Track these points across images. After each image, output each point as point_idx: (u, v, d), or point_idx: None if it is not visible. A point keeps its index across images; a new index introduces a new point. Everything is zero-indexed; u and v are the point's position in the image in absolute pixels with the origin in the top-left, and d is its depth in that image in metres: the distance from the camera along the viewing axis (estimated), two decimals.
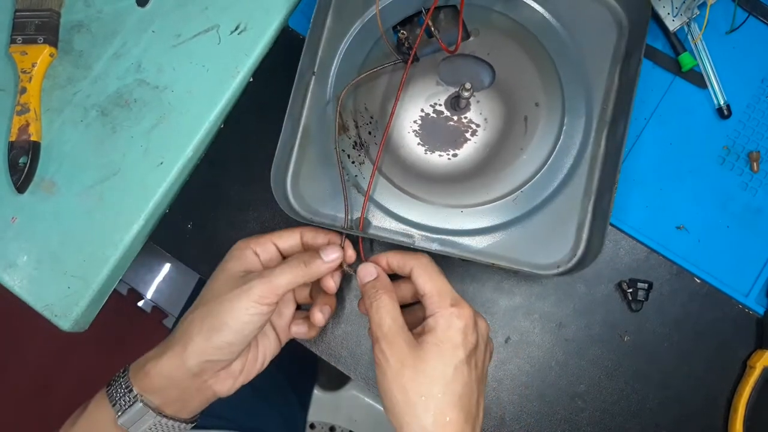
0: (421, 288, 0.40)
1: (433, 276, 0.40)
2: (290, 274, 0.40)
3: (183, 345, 0.40)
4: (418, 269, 0.41)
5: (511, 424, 0.48)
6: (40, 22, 0.52)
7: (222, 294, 0.40)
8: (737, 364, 0.47)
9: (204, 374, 0.41)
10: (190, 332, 0.40)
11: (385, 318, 0.39)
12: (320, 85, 0.50)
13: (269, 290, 0.40)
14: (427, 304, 0.40)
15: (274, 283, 0.40)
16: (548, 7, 0.49)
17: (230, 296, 0.40)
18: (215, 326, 0.39)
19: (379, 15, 0.48)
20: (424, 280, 0.40)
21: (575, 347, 0.48)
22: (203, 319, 0.40)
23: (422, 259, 0.41)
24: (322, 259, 0.42)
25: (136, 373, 0.41)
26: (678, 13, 0.48)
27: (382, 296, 0.40)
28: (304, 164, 0.49)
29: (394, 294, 0.41)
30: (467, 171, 0.48)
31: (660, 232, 0.48)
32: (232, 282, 0.41)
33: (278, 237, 0.45)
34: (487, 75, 0.49)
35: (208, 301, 0.41)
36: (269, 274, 0.40)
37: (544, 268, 0.46)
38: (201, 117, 0.51)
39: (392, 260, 0.43)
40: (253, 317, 0.39)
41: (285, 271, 0.40)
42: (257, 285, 0.40)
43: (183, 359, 0.39)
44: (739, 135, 0.49)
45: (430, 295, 0.39)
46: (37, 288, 0.50)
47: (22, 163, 0.50)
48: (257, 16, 0.52)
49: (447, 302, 0.39)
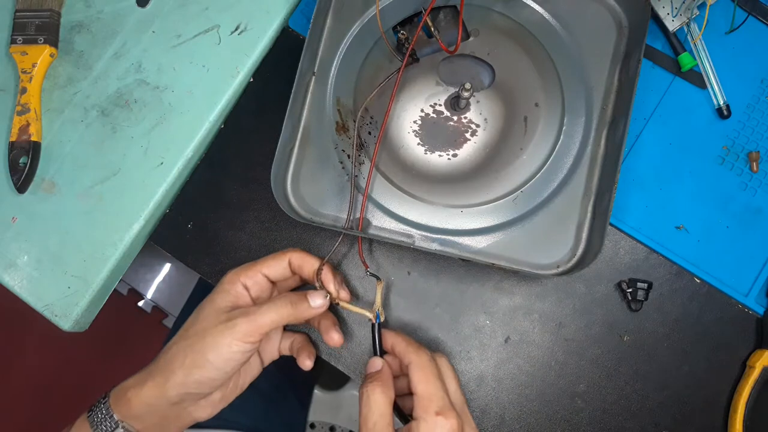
0: (413, 387, 0.40)
1: (429, 378, 0.40)
2: (275, 314, 0.40)
3: (165, 377, 0.40)
4: (413, 367, 0.40)
5: (511, 424, 0.48)
6: (41, 22, 0.52)
7: (206, 329, 0.40)
8: (737, 364, 0.47)
9: (184, 403, 0.41)
10: (172, 365, 0.40)
11: (374, 413, 0.39)
12: (320, 86, 0.50)
13: (253, 329, 0.40)
14: (415, 405, 0.39)
15: (258, 322, 0.40)
16: (548, 8, 0.49)
17: (213, 332, 0.40)
18: (197, 362, 0.39)
19: (379, 15, 0.48)
20: (418, 379, 0.40)
21: (575, 347, 0.48)
22: (186, 353, 0.40)
23: (422, 358, 0.41)
24: (308, 304, 0.42)
25: (118, 400, 0.41)
26: (678, 14, 0.48)
27: (376, 390, 0.40)
28: (304, 164, 0.49)
29: (389, 390, 0.40)
30: (467, 171, 0.48)
31: (660, 232, 0.48)
32: (217, 317, 0.41)
33: (266, 266, 0.44)
34: (486, 75, 0.49)
35: (192, 334, 0.41)
36: (255, 311, 0.40)
37: (543, 267, 0.46)
38: (201, 117, 0.51)
39: (396, 347, 0.43)
40: (235, 354, 0.40)
41: (270, 310, 0.40)
42: (241, 322, 0.39)
43: (164, 390, 0.40)
44: (738, 135, 0.49)
45: (420, 397, 0.39)
46: (38, 288, 0.50)
47: (22, 163, 0.50)
48: (257, 17, 0.53)
49: (433, 409, 0.38)
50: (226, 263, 0.51)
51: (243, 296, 0.43)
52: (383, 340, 0.44)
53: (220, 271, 0.51)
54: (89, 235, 0.50)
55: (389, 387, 0.41)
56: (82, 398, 0.45)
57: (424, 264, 0.49)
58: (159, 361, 0.41)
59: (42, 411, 1.19)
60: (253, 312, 0.40)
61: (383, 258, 0.50)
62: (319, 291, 0.44)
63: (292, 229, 0.51)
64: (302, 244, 0.50)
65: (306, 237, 0.51)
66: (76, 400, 1.18)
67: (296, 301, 0.42)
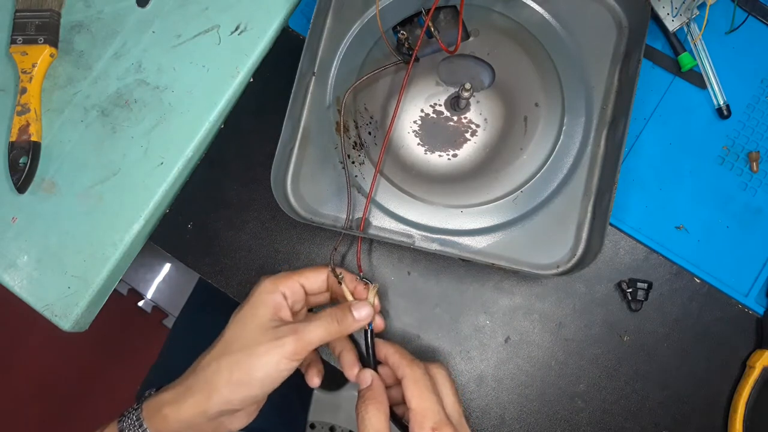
0: (407, 401, 0.39)
1: (423, 393, 0.39)
2: (323, 330, 0.40)
3: (207, 394, 0.39)
4: (407, 381, 0.40)
5: (511, 424, 0.48)
6: (41, 22, 0.52)
7: (252, 346, 0.39)
8: (737, 364, 0.47)
9: (222, 417, 0.40)
10: (215, 382, 0.39)
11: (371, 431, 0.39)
12: (320, 86, 0.50)
13: (302, 347, 0.39)
14: (411, 420, 0.39)
15: (306, 339, 0.39)
16: (548, 8, 0.49)
17: (261, 351, 0.39)
18: (244, 381, 0.38)
19: (379, 15, 0.48)
20: (412, 394, 0.39)
21: (575, 347, 0.48)
22: (231, 370, 0.39)
23: (416, 372, 0.40)
24: (353, 317, 0.42)
25: (153, 415, 0.40)
26: (678, 14, 0.48)
27: (369, 409, 0.39)
28: (304, 164, 0.49)
29: (383, 405, 0.40)
30: (467, 171, 0.48)
31: (659, 232, 0.48)
32: (263, 333, 0.40)
33: (305, 277, 0.44)
34: (486, 75, 0.49)
35: (237, 350, 0.39)
36: (303, 329, 0.39)
37: (543, 268, 0.46)
38: (201, 117, 0.51)
39: (389, 358, 0.42)
40: (283, 372, 0.39)
41: (319, 327, 0.40)
42: (290, 342, 0.39)
43: (205, 408, 0.39)
44: (738, 135, 0.49)
45: (414, 412, 0.39)
46: (38, 288, 0.50)
47: (22, 163, 0.50)
48: (257, 17, 0.53)
49: (428, 425, 0.38)
50: (226, 263, 0.51)
51: (282, 306, 0.42)
52: (377, 350, 0.43)
53: (219, 271, 0.51)
54: (89, 235, 0.50)
55: (382, 402, 0.40)
56: (82, 398, 0.45)
57: (424, 264, 0.49)
58: (198, 376, 0.40)
59: (42, 411, 1.19)
60: (302, 330, 0.39)
61: (383, 258, 0.50)
62: (362, 301, 0.43)
63: (292, 229, 0.51)
64: (302, 244, 0.50)
65: (306, 237, 0.51)
66: (76, 400, 1.18)
67: (341, 317, 0.41)
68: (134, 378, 0.63)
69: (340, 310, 0.42)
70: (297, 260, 0.50)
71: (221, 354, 0.40)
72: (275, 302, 0.42)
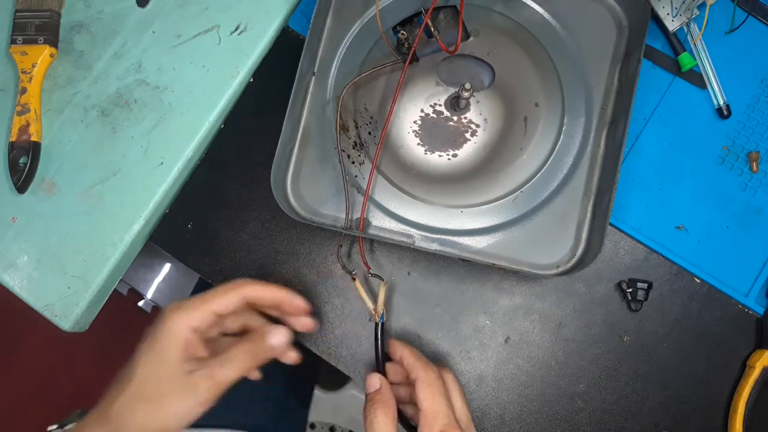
0: (419, 402, 0.40)
1: (435, 395, 0.40)
2: (239, 368, 0.39)
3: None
4: (421, 383, 0.40)
5: (511, 424, 0.48)
6: (41, 22, 0.52)
7: (165, 395, 0.37)
8: (737, 364, 0.47)
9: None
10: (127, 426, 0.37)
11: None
12: (320, 86, 0.50)
13: (217, 391, 0.38)
14: (420, 421, 0.39)
15: (221, 382, 0.38)
16: (548, 8, 0.49)
17: (174, 402, 0.37)
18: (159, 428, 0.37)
19: (379, 15, 0.48)
20: (425, 396, 0.40)
21: (575, 347, 0.48)
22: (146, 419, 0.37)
23: (429, 374, 0.41)
24: (270, 345, 0.41)
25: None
26: (677, 14, 0.48)
27: (378, 412, 0.40)
28: (304, 164, 0.49)
29: (391, 409, 0.40)
30: (467, 171, 0.48)
31: (659, 232, 0.48)
32: (176, 379, 0.38)
33: (216, 303, 0.40)
34: (486, 75, 0.49)
35: (150, 398, 0.38)
36: (217, 372, 0.38)
37: (543, 268, 0.46)
38: (201, 117, 0.51)
39: (405, 359, 0.42)
40: (198, 414, 0.38)
41: (234, 365, 0.39)
42: (205, 389, 0.37)
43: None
44: (738, 135, 0.49)
45: (425, 414, 0.39)
46: (38, 288, 0.50)
47: (22, 163, 0.50)
48: (257, 17, 0.53)
49: (438, 427, 0.39)
50: (226, 263, 0.51)
51: (192, 343, 0.39)
52: (392, 349, 0.44)
53: (219, 271, 0.51)
54: (89, 235, 0.50)
55: (390, 406, 0.41)
56: (82, 398, 0.45)
57: (424, 264, 0.49)
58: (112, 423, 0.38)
59: (42, 411, 1.19)
60: (217, 373, 0.38)
61: (383, 258, 0.50)
62: (277, 327, 0.42)
63: (292, 229, 0.51)
64: (302, 244, 0.50)
65: (306, 237, 0.51)
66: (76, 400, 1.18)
67: (257, 351, 0.40)
68: None
69: (254, 343, 0.41)
70: (297, 260, 0.50)
71: (133, 400, 0.38)
72: (185, 339, 0.39)
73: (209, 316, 0.40)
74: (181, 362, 0.38)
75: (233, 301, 0.41)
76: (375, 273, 0.46)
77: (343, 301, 0.49)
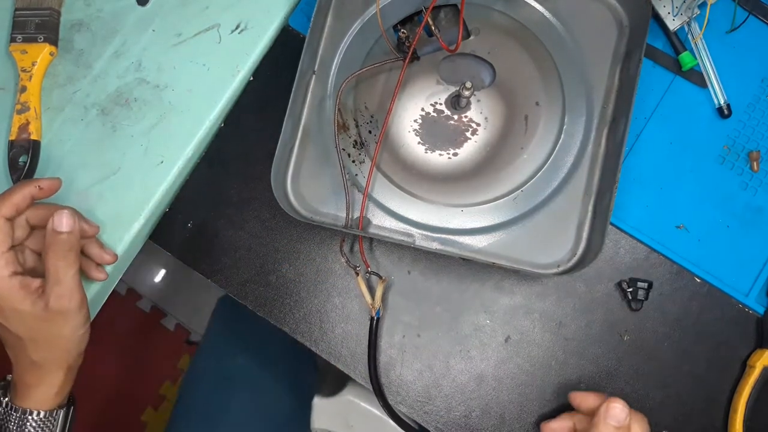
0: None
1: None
2: (67, 280, 0.41)
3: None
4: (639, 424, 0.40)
5: (511, 423, 0.48)
6: (41, 20, 0.52)
7: (34, 328, 0.42)
8: (737, 364, 0.47)
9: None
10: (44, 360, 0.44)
11: None
12: (320, 85, 0.50)
13: (70, 300, 0.42)
14: None
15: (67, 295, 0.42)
16: (548, 7, 0.49)
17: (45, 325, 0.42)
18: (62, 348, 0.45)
19: (380, 14, 0.48)
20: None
21: (575, 346, 0.48)
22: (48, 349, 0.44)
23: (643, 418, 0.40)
24: (54, 231, 0.42)
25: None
26: (678, 13, 0.48)
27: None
28: (304, 163, 0.49)
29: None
30: (467, 170, 0.48)
31: (660, 232, 0.48)
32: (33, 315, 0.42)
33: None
34: (487, 74, 0.49)
35: (26, 333, 0.42)
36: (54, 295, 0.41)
37: (544, 267, 0.46)
38: (201, 116, 0.51)
39: (586, 408, 0.42)
40: (81, 317, 0.44)
41: (61, 279, 0.41)
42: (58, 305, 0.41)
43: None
44: (739, 134, 0.49)
45: None
46: None
47: (22, 161, 0.49)
48: (258, 16, 0.52)
49: None
50: (226, 262, 0.51)
51: (11, 261, 0.42)
52: (579, 401, 0.43)
53: (219, 270, 0.51)
54: None
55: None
56: (82, 398, 0.45)
57: (424, 263, 0.49)
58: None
59: None
60: (53, 295, 0.41)
61: (383, 257, 0.50)
62: (58, 212, 0.42)
63: (292, 228, 0.51)
64: (302, 243, 0.50)
65: (306, 236, 0.51)
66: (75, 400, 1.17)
67: (57, 251, 0.42)
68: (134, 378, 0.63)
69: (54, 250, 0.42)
70: (297, 259, 0.50)
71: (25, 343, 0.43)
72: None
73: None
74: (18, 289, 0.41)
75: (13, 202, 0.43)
76: (374, 271, 0.46)
77: (343, 301, 0.49)
